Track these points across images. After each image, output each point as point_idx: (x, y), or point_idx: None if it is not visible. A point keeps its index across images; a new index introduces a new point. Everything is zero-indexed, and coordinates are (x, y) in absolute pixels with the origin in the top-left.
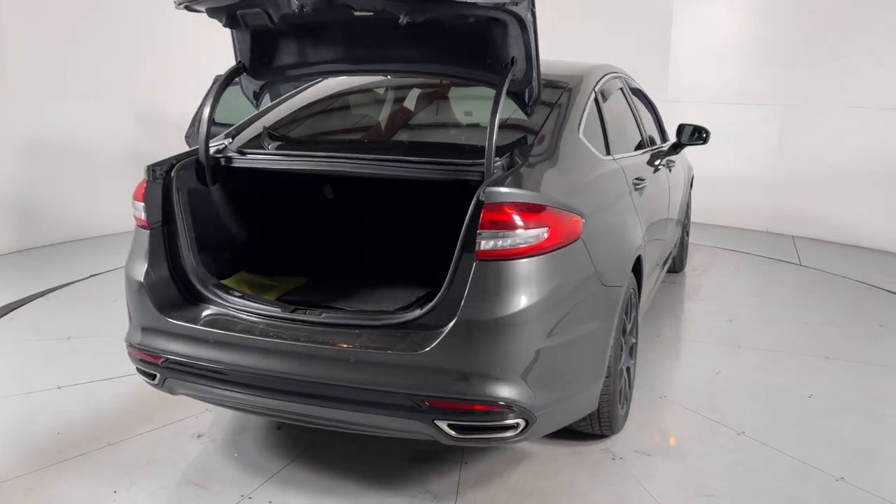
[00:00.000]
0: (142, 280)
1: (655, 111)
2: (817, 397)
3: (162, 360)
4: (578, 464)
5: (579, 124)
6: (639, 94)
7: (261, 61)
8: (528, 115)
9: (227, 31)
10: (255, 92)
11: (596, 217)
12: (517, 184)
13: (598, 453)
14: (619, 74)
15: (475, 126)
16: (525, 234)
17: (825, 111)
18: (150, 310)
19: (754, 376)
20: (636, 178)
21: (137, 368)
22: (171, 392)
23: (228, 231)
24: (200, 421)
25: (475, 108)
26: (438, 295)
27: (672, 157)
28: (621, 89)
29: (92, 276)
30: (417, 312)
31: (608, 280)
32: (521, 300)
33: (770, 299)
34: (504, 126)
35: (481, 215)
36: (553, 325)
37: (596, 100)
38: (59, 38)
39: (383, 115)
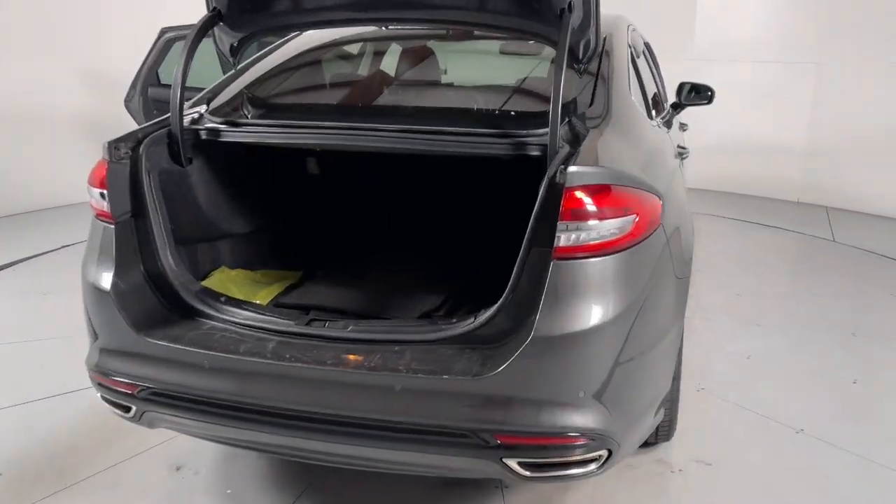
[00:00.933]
0: (108, 289)
1: (657, 66)
2: (862, 383)
3: (139, 389)
4: (635, 481)
5: (629, 86)
6: (647, 47)
7: (241, 8)
8: (579, 73)
9: None
10: (232, 46)
11: (667, 197)
12: (599, 161)
13: (653, 465)
14: (634, 26)
15: (499, 87)
16: (613, 224)
17: (865, 69)
18: (121, 327)
19: (787, 360)
20: (679, 147)
21: (104, 398)
22: (150, 426)
23: (206, 220)
24: (175, 448)
25: (496, 66)
26: (499, 301)
27: (685, 121)
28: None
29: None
30: (472, 323)
31: (680, 272)
32: (612, 306)
33: (773, 269)
34: (523, 90)
35: (562, 202)
36: (636, 331)
37: (631, 56)
38: None
39: (389, 71)
